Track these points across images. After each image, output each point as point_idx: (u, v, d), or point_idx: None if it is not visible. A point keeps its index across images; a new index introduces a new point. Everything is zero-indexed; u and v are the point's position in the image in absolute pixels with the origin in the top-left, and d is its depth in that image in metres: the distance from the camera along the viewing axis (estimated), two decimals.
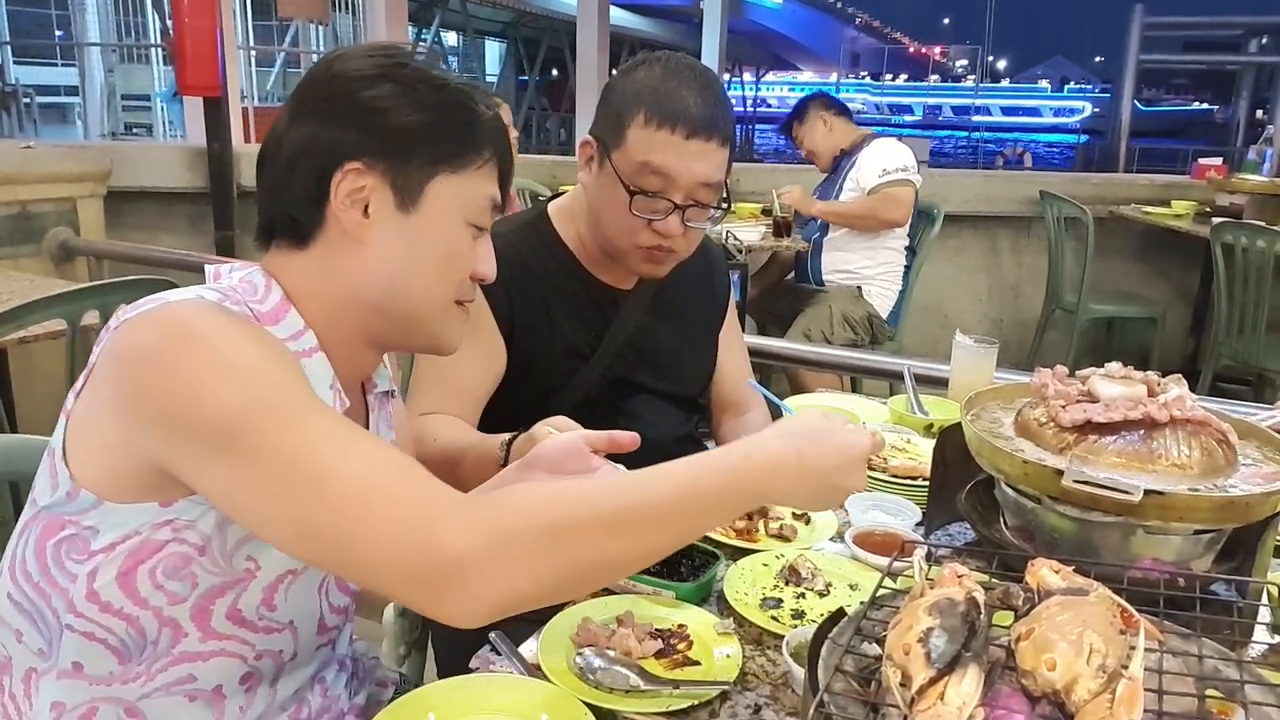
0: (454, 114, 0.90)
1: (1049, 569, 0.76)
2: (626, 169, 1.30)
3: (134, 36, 10.48)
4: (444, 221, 0.90)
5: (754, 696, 0.91)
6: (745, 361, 1.71)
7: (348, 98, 0.88)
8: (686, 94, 1.30)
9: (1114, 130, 8.35)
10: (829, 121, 3.52)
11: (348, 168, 0.86)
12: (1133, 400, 1.01)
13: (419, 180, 0.89)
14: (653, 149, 1.29)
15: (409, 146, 0.88)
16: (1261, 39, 9.34)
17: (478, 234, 0.93)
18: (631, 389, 1.47)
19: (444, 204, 0.90)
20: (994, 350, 1.63)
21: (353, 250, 0.89)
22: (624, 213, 1.31)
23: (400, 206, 0.88)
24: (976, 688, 0.64)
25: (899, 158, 3.35)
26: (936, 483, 1.20)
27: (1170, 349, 4.57)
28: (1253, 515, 0.94)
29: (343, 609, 0.98)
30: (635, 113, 1.30)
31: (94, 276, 3.68)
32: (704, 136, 1.29)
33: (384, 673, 1.16)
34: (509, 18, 28.06)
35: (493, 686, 0.89)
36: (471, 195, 0.91)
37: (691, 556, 1.13)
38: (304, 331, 0.88)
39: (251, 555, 0.84)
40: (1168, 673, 0.70)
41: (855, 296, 3.44)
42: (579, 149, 1.39)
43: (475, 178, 0.91)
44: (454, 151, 0.89)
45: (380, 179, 0.87)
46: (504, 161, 0.95)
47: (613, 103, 1.34)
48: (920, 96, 67.30)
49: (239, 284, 0.88)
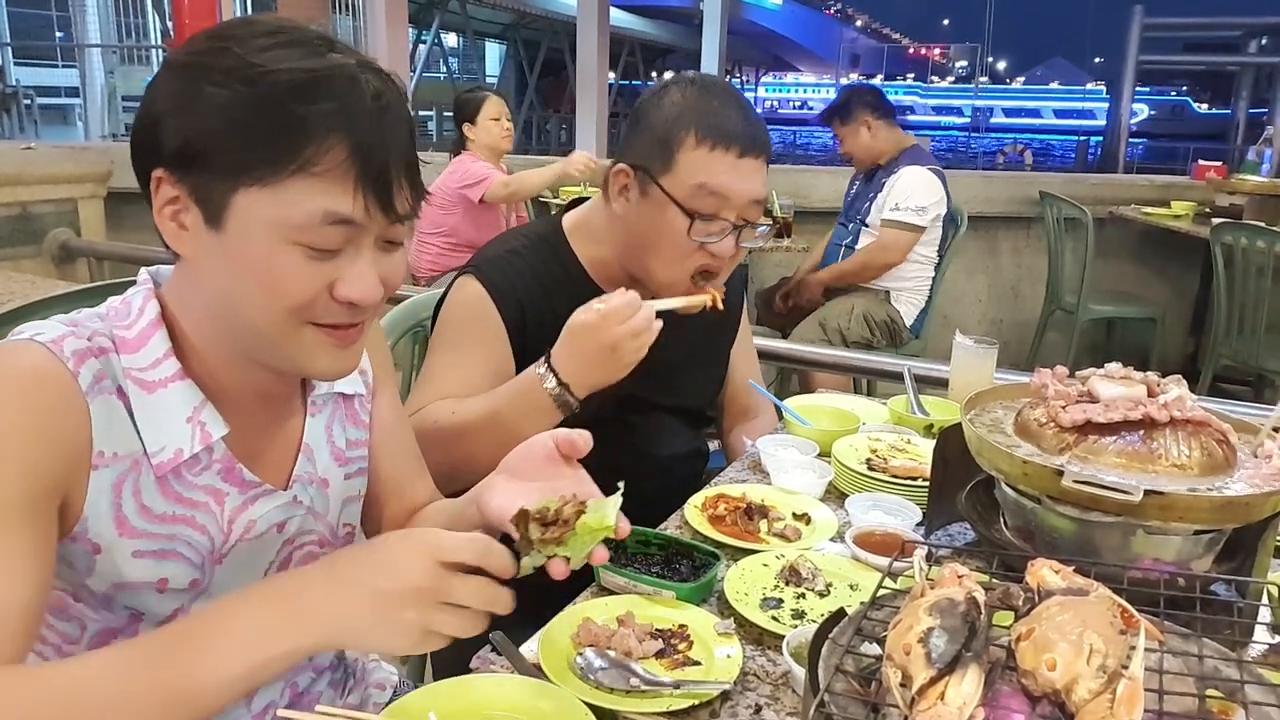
0: (264, 114, 0.74)
1: (1049, 569, 0.76)
2: (681, 193, 1.28)
3: (135, 38, 10.48)
4: (257, 241, 0.77)
5: (754, 696, 0.91)
6: (756, 369, 1.71)
7: (160, 89, 0.78)
8: (732, 113, 1.30)
9: (1114, 130, 8.34)
10: (872, 126, 3.45)
11: (156, 175, 0.78)
12: (1133, 400, 1.01)
13: (220, 194, 0.76)
14: (710, 170, 1.28)
15: (204, 156, 0.76)
16: (1261, 40, 9.33)
17: (318, 254, 0.78)
18: (640, 405, 1.46)
19: (253, 222, 0.76)
20: (994, 350, 1.63)
21: (193, 268, 0.82)
22: (679, 239, 1.30)
23: (209, 223, 0.78)
24: (977, 688, 0.64)
25: (916, 195, 3.32)
26: (937, 483, 1.20)
27: (1170, 349, 4.58)
28: (1253, 515, 0.94)
29: None
30: (684, 135, 1.28)
31: (95, 277, 3.69)
32: (755, 154, 1.30)
33: (383, 675, 1.15)
34: (509, 19, 28.08)
35: (493, 686, 0.88)
36: (289, 211, 0.76)
37: (692, 557, 1.14)
38: (163, 360, 0.82)
39: (129, 605, 0.83)
40: (1168, 673, 0.70)
41: (881, 299, 3.44)
42: (611, 178, 1.35)
43: (295, 189, 0.75)
44: (257, 161, 0.75)
45: (186, 192, 0.78)
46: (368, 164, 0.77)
47: (653, 127, 1.31)
48: (969, 99, 66.66)
49: (120, 304, 0.85)
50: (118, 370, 0.81)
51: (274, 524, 0.91)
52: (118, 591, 0.82)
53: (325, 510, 0.96)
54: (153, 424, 0.82)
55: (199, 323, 0.84)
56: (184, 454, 0.83)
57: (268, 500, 0.90)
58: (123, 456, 0.81)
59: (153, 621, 0.85)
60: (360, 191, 0.77)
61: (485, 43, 31.83)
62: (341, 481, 0.99)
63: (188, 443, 0.83)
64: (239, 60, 0.75)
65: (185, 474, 0.84)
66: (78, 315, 0.83)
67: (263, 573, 0.92)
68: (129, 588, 0.82)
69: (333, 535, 0.98)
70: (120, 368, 0.81)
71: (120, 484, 0.81)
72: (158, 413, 0.82)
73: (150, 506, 0.82)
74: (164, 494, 0.83)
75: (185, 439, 0.83)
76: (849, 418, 1.59)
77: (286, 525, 0.92)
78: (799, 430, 1.55)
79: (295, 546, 0.94)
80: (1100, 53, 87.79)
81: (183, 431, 0.83)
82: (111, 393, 0.80)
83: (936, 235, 3.43)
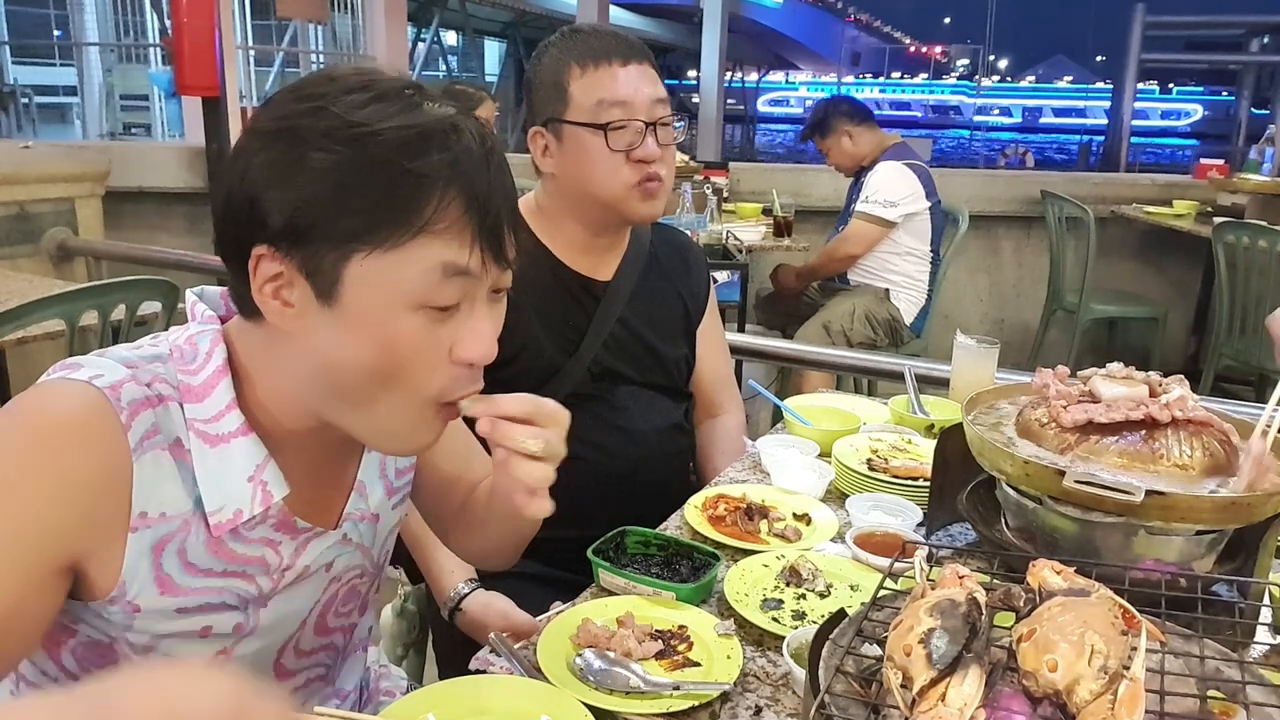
0: (378, 176, 0.71)
1: (1050, 570, 0.76)
2: (587, 116, 1.36)
3: (133, 36, 10.47)
4: (377, 309, 0.73)
5: (754, 698, 0.90)
6: (726, 363, 1.71)
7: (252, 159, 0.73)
8: (603, 35, 1.40)
9: (1115, 129, 8.33)
10: (853, 133, 3.52)
11: (256, 253, 0.73)
12: (1134, 400, 1.01)
13: (333, 264, 0.72)
14: (601, 85, 1.36)
15: (314, 228, 0.71)
16: (1263, 38, 9.32)
17: (439, 315, 0.74)
18: (617, 380, 1.49)
19: (371, 291, 0.72)
20: (995, 350, 1.63)
21: (289, 340, 0.76)
22: (604, 155, 1.37)
23: (320, 297, 0.73)
24: (978, 689, 0.64)
25: (886, 189, 3.36)
26: (937, 483, 1.19)
27: (1172, 349, 4.57)
28: (1254, 516, 0.94)
29: (321, 648, 0.93)
30: (568, 71, 1.38)
31: (93, 277, 3.69)
32: (637, 60, 1.38)
33: (392, 682, 1.15)
34: (509, 17, 28.05)
35: (493, 687, 0.88)
36: (409, 273, 0.72)
37: (692, 557, 1.13)
38: (226, 413, 0.77)
39: (167, 653, 0.80)
40: (1169, 673, 0.70)
41: (881, 298, 3.45)
42: (531, 145, 1.43)
43: (414, 249, 0.72)
44: (376, 225, 0.71)
45: (293, 267, 0.73)
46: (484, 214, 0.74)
47: (543, 82, 1.41)
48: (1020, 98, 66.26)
49: (185, 344, 0.79)
50: (178, 422, 0.76)
51: (323, 564, 0.88)
52: (159, 641, 0.79)
53: (373, 544, 0.94)
54: (212, 481, 0.77)
55: (278, 380, 0.79)
56: (243, 515, 0.79)
57: (319, 543, 0.87)
58: (171, 517, 0.76)
59: None
60: (477, 243, 0.74)
61: (485, 41, 31.81)
62: (389, 512, 0.96)
63: (248, 504, 0.79)
64: (338, 120, 0.71)
65: (241, 531, 0.80)
66: (137, 354, 0.78)
67: (308, 610, 0.89)
68: (172, 637, 0.80)
69: (375, 567, 0.96)
70: (182, 419, 0.77)
71: (162, 545, 0.76)
72: (220, 470, 0.77)
73: (196, 563, 0.78)
74: (215, 552, 0.79)
75: (245, 500, 0.78)
76: (849, 418, 1.59)
77: (335, 564, 0.89)
78: (799, 430, 1.54)
79: (342, 584, 0.92)
80: (1102, 51, 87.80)
81: (243, 491, 0.78)
82: (164, 447, 0.76)
83: (923, 230, 3.43)
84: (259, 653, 0.86)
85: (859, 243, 3.41)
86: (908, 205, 3.36)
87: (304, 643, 0.91)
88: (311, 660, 0.93)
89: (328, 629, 0.93)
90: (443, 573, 1.34)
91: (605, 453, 1.45)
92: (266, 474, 0.79)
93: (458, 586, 1.32)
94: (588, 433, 1.45)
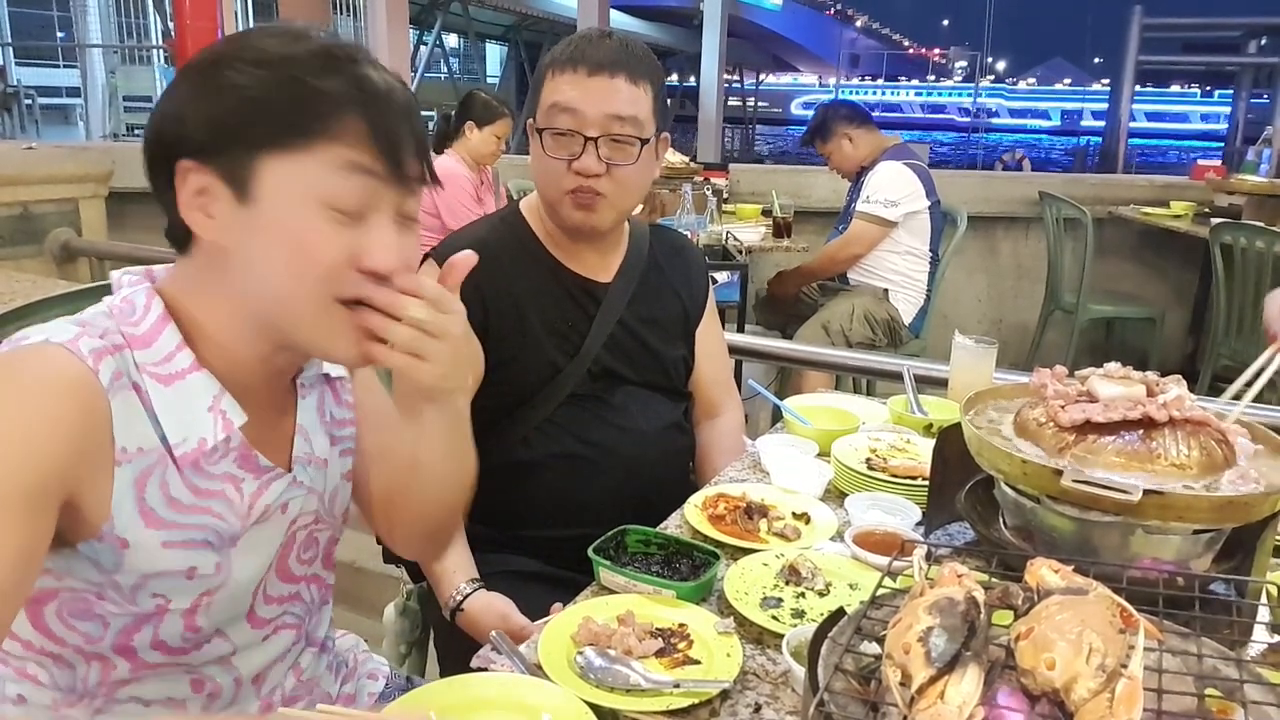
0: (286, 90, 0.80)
1: (1048, 568, 0.76)
2: (541, 118, 1.37)
3: (136, 38, 10.49)
4: (285, 206, 0.80)
5: (754, 695, 0.91)
6: (725, 363, 1.72)
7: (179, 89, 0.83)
8: (587, 42, 1.38)
9: (1113, 130, 8.34)
10: (853, 136, 3.52)
11: (182, 167, 0.81)
12: (1132, 400, 1.01)
13: (248, 166, 0.80)
14: (559, 90, 1.36)
15: (230, 135, 0.80)
16: (1260, 39, 9.33)
17: (345, 219, 0.81)
18: (617, 381, 1.49)
19: (280, 186, 0.80)
20: (993, 350, 1.63)
21: (218, 256, 0.83)
22: (543, 159, 1.37)
23: (238, 197, 0.81)
24: (976, 687, 0.64)
25: (886, 188, 3.36)
26: (936, 482, 1.20)
27: (1169, 349, 4.58)
28: (1252, 515, 0.94)
29: (289, 596, 0.97)
30: (544, 74, 1.39)
31: (96, 277, 3.69)
32: (608, 73, 1.35)
33: (374, 665, 1.17)
34: (511, 21, 28.07)
35: (493, 686, 0.89)
36: (319, 172, 0.80)
37: (691, 556, 1.14)
38: (176, 353, 0.83)
39: (158, 593, 0.84)
40: (1167, 672, 0.71)
41: (879, 298, 3.45)
42: None
43: (320, 153, 0.80)
44: (279, 131, 0.80)
45: (214, 176, 0.81)
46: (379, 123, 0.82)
47: (534, 82, 1.42)
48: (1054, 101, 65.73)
49: (120, 304, 0.85)
50: (132, 366, 0.82)
51: (279, 505, 0.92)
52: (147, 580, 0.83)
53: (323, 488, 0.98)
54: (174, 416, 0.82)
55: (216, 309, 0.85)
56: (207, 443, 0.84)
57: (279, 483, 0.92)
58: (146, 451, 0.81)
59: (178, 611, 0.85)
60: (375, 146, 0.81)
61: (486, 44, 31.81)
62: (337, 459, 1.01)
63: (210, 431, 0.84)
64: (256, 51, 0.81)
65: (204, 464, 0.85)
66: (84, 315, 0.84)
67: (273, 554, 0.93)
68: (159, 575, 0.83)
69: (328, 513, 1.00)
70: (135, 363, 0.82)
71: (144, 478, 0.81)
72: (178, 404, 0.83)
73: (177, 498, 0.83)
74: (187, 484, 0.84)
75: (208, 428, 0.84)
76: (849, 417, 1.59)
77: (289, 506, 0.93)
78: (799, 430, 1.55)
79: (298, 527, 0.96)
80: (1100, 53, 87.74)
81: (205, 421, 0.84)
82: (129, 389, 0.81)
83: (923, 229, 3.42)
84: (235, 599, 0.90)
85: (860, 242, 3.41)
86: (908, 204, 3.36)
87: (271, 588, 0.94)
88: (282, 609, 0.97)
89: (292, 576, 0.97)
90: (445, 572, 1.34)
91: (605, 452, 1.45)
92: (224, 404, 0.85)
93: (459, 586, 1.33)
94: (588, 432, 1.45)
